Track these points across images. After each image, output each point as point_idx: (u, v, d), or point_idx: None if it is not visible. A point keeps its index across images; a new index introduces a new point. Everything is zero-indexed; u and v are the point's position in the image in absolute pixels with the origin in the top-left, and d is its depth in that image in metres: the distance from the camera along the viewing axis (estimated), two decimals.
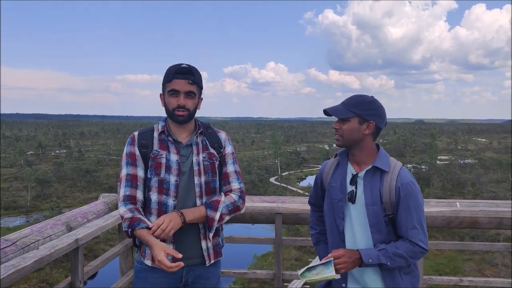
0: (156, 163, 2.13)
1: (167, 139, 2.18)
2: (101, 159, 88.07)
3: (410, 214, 1.98)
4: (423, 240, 1.99)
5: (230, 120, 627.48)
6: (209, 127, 2.30)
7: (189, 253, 2.15)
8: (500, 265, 30.07)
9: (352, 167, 2.10)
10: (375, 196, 2.00)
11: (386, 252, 1.96)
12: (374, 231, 2.02)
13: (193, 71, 2.13)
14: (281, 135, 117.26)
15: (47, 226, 2.71)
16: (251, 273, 3.76)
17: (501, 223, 3.32)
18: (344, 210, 2.09)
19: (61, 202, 48.77)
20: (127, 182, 2.13)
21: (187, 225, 2.09)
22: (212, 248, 2.21)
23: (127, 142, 2.21)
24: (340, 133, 2.05)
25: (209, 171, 2.19)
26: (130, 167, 2.15)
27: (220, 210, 2.12)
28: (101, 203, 3.49)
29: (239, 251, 31.33)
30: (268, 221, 3.62)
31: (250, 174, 63.44)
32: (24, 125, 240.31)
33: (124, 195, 2.12)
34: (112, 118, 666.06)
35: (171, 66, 2.15)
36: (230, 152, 2.29)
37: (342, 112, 2.03)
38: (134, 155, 2.16)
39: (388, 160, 2.06)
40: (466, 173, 67.58)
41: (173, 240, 2.12)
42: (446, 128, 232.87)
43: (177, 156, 2.15)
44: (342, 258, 1.95)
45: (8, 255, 2.26)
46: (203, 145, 2.22)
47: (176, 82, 2.10)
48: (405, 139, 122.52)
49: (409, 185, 1.98)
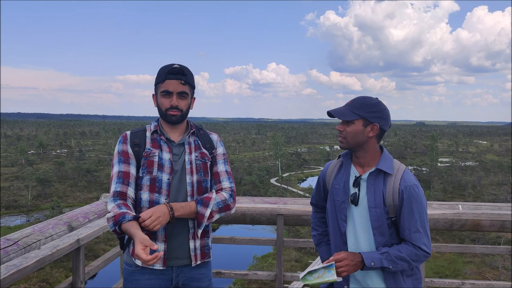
0: (148, 161, 2.12)
1: (159, 138, 2.18)
2: (101, 159, 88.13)
3: (413, 218, 1.97)
4: (426, 244, 1.98)
5: (231, 121, 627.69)
6: (201, 129, 2.31)
7: (178, 253, 2.14)
8: (500, 268, 30.02)
9: (355, 169, 2.09)
10: (378, 199, 1.99)
11: (389, 255, 1.95)
12: (376, 233, 2.01)
13: (185, 72, 2.13)
14: (282, 136, 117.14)
15: (49, 226, 2.71)
16: (252, 274, 3.75)
17: (504, 226, 3.31)
18: (346, 212, 2.08)
19: (62, 202, 48.81)
20: (119, 179, 2.10)
21: (178, 225, 2.09)
22: (200, 249, 2.18)
23: (119, 140, 2.19)
24: (344, 135, 2.04)
25: (201, 170, 2.19)
26: (122, 164, 2.12)
27: (211, 207, 2.11)
28: (102, 203, 3.49)
29: (239, 252, 31.34)
30: (270, 222, 3.61)
31: (251, 175, 63.45)
32: (26, 124, 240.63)
33: (114, 191, 2.07)
34: (113, 118, 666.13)
35: (163, 67, 2.15)
36: (221, 153, 2.29)
37: (347, 114, 2.02)
38: (127, 153, 2.14)
39: (392, 163, 2.04)
40: (467, 176, 67.52)
41: (164, 239, 2.11)
42: (447, 130, 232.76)
43: (169, 155, 2.15)
44: (344, 261, 1.94)
45: (10, 254, 2.26)
46: (196, 144, 2.23)
47: (169, 83, 2.10)
48: (406, 141, 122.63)
49: (412, 188, 1.97)
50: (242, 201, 3.60)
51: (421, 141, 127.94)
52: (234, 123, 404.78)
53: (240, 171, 68.24)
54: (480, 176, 65.37)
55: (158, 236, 2.10)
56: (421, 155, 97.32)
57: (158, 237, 2.10)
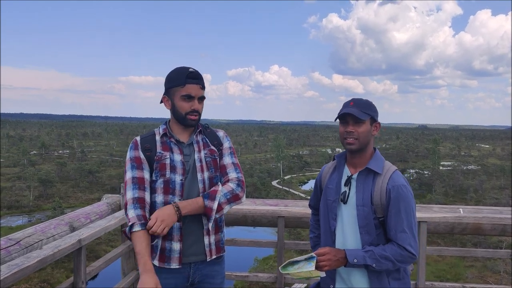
0: (161, 165, 2.14)
1: (169, 141, 2.20)
2: (103, 159, 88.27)
3: (400, 218, 1.97)
4: (412, 245, 1.97)
5: (233, 122, 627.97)
6: (207, 127, 2.34)
7: (194, 249, 2.17)
8: (502, 272, 29.91)
9: (348, 169, 2.13)
10: (366, 197, 2.01)
11: (373, 253, 1.96)
12: (363, 232, 2.02)
13: (201, 76, 2.16)
14: (284, 138, 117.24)
15: (51, 226, 2.72)
16: (253, 276, 3.75)
17: (505, 230, 3.31)
18: (337, 210, 2.12)
19: (64, 202, 48.92)
20: (134, 184, 2.11)
21: (193, 222, 2.13)
22: (214, 244, 2.22)
23: (130, 147, 2.20)
24: (356, 136, 2.03)
25: (211, 167, 2.21)
26: (136, 170, 2.14)
27: (218, 199, 2.12)
28: (104, 204, 3.50)
29: (240, 254, 31.29)
30: (271, 224, 3.62)
31: (252, 177, 63.40)
32: (28, 125, 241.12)
33: (132, 197, 2.08)
34: (115, 119, 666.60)
35: (180, 69, 2.14)
36: (227, 147, 2.31)
37: (361, 114, 2.02)
38: (139, 159, 2.16)
39: (383, 163, 2.07)
40: (469, 179, 67.33)
41: (180, 239, 2.14)
42: (449, 134, 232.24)
43: (181, 156, 2.17)
44: (326, 256, 1.97)
45: (12, 254, 2.27)
46: (204, 142, 2.25)
47: (190, 87, 2.11)
48: (408, 144, 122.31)
49: (400, 187, 1.98)
50: (243, 203, 3.60)
51: (423, 145, 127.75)
52: (236, 125, 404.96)
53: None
54: (482, 180, 65.16)
55: (174, 236, 2.14)
56: (423, 158, 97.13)
57: (174, 237, 2.14)
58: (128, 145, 2.24)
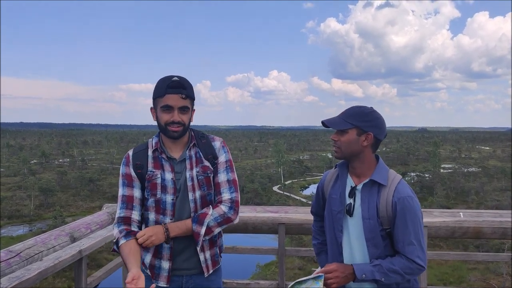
0: (152, 184, 2.11)
1: (160, 157, 2.14)
2: (104, 168, 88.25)
3: (407, 230, 1.94)
4: (420, 257, 1.95)
5: (233, 128, 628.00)
6: (203, 137, 2.22)
7: (186, 265, 2.16)
8: (505, 274, 29.81)
9: (351, 179, 2.08)
10: (371, 210, 1.97)
11: (381, 268, 1.93)
12: (370, 245, 1.99)
13: (185, 85, 2.05)
14: (284, 143, 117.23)
15: (51, 237, 2.73)
16: (254, 284, 3.75)
17: (505, 233, 3.31)
18: (342, 222, 2.08)
19: (64, 211, 48.90)
20: (123, 204, 2.13)
21: (185, 240, 2.11)
22: (210, 259, 2.20)
23: (122, 162, 2.19)
24: (338, 145, 2.02)
25: (204, 185, 2.14)
26: (126, 188, 2.14)
27: (206, 223, 2.08)
28: (105, 213, 3.50)
29: (242, 260, 31.19)
30: (271, 231, 3.62)
31: (253, 182, 63.39)
32: (28, 134, 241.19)
33: (118, 216, 2.12)
34: (116, 127, 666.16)
35: (162, 79, 2.06)
36: (223, 161, 2.19)
37: (340, 124, 2.00)
38: (130, 176, 2.15)
39: (387, 173, 2.02)
40: (469, 182, 67.25)
41: (169, 257, 2.13)
42: (449, 136, 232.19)
43: (172, 174, 2.12)
44: (333, 273, 1.94)
45: (12, 266, 2.27)
46: (197, 158, 2.16)
47: (169, 97, 2.02)
48: (408, 147, 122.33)
49: (406, 199, 1.94)
50: (244, 210, 3.61)
51: (423, 147, 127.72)
52: (236, 130, 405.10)
53: (243, 179, 68.09)
54: (483, 182, 65.10)
55: (164, 255, 2.13)
56: (424, 161, 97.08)
57: (163, 256, 2.13)
58: (121, 164, 2.23)
